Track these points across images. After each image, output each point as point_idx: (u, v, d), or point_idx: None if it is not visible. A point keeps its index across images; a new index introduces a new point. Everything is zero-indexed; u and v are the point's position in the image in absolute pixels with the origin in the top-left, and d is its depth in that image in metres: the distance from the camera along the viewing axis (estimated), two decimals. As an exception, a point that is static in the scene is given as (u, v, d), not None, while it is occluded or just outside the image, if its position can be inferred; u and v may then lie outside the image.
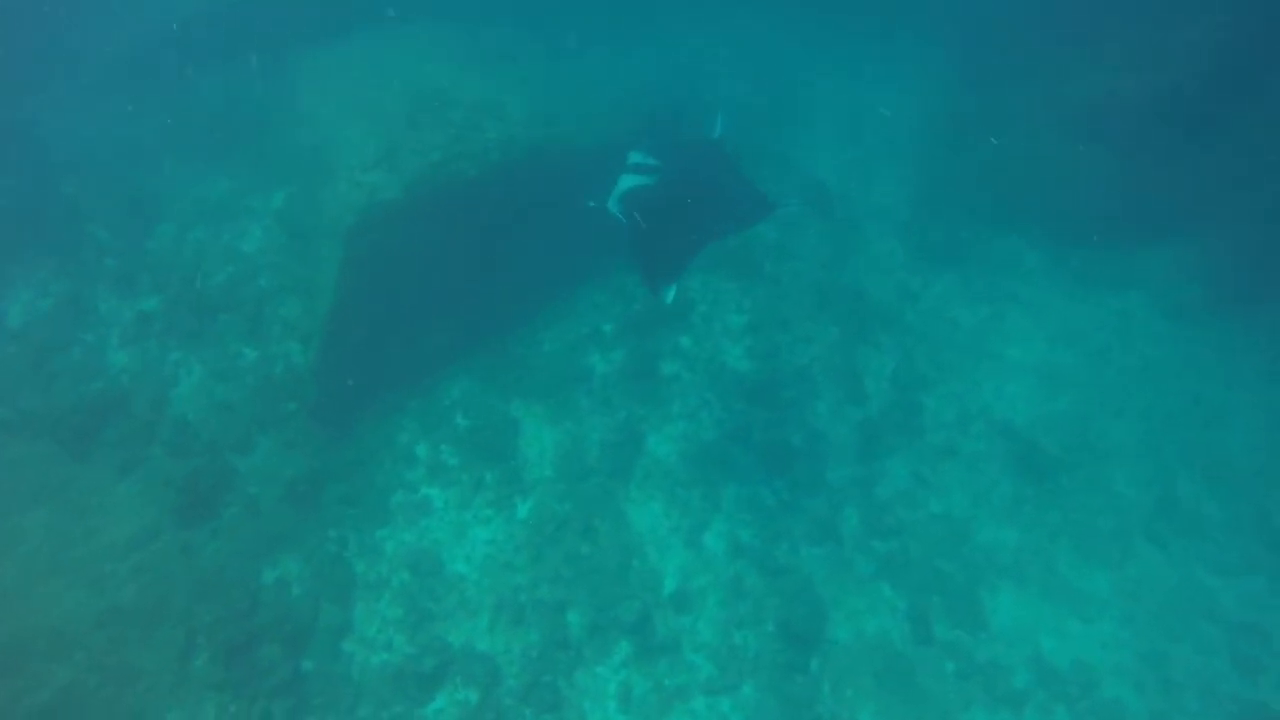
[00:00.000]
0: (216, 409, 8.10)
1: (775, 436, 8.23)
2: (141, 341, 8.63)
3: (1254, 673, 6.83)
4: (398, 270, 7.98)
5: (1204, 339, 9.01)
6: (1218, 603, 7.22)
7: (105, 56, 10.62)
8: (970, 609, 7.19)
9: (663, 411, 8.39)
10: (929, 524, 7.72)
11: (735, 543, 7.54)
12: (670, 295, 5.09)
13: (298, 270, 8.79)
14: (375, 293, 7.94)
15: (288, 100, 9.27)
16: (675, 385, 8.61)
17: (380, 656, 6.84)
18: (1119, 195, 9.33)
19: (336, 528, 7.52)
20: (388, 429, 8.17)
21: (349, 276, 7.79)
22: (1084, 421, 8.38)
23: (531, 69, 9.07)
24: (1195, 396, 8.55)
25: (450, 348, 8.57)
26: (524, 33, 9.72)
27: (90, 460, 7.70)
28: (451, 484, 7.86)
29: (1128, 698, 6.72)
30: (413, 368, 8.45)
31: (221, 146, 10.09)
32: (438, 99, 8.32)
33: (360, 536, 7.50)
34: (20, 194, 9.71)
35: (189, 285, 8.97)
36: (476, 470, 7.92)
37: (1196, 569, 7.42)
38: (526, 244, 8.56)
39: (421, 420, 8.23)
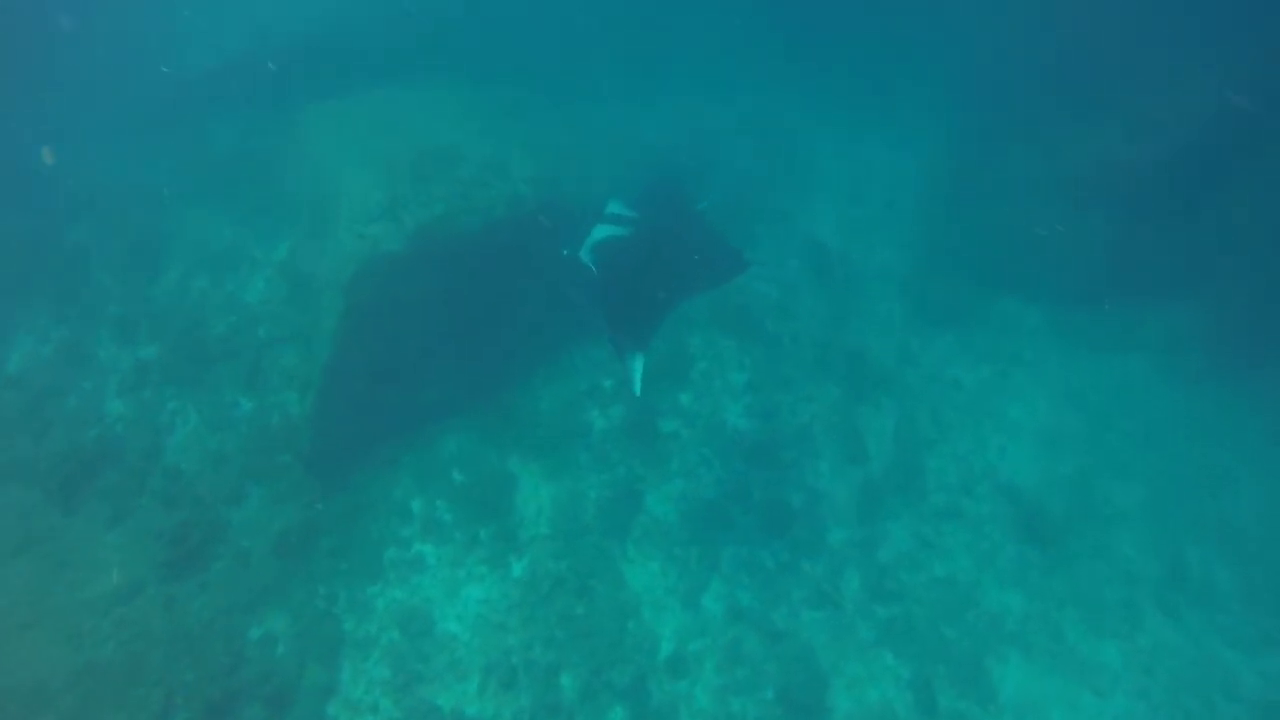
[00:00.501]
0: (210, 459, 8.01)
1: (775, 496, 8.10)
2: (139, 390, 8.58)
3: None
4: (397, 323, 7.98)
5: (1205, 403, 8.95)
6: (1238, 679, 6.95)
7: (118, 100, 10.83)
8: (977, 678, 6.96)
9: (662, 470, 8.28)
10: (932, 588, 7.53)
11: (734, 605, 7.35)
12: (638, 380, 5.02)
13: (298, 321, 8.78)
14: (374, 345, 7.93)
15: (296, 150, 9.43)
16: (674, 443, 8.51)
17: (365, 720, 6.60)
18: (1119, 259, 9.41)
19: (326, 583, 7.34)
20: (383, 482, 8.05)
21: (348, 329, 7.79)
22: (1089, 485, 8.26)
23: (539, 129, 9.24)
24: (1201, 461, 8.45)
25: (448, 401, 8.51)
26: (533, 93, 9.95)
27: (79, 510, 7.57)
28: (445, 540, 7.70)
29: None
30: (410, 421, 8.37)
31: (229, 193, 10.22)
32: (445, 154, 8.45)
33: (350, 593, 7.32)
34: (28, 237, 9.80)
35: (189, 334, 8.96)
36: (471, 527, 7.77)
37: (1213, 642, 7.19)
38: (527, 299, 8.59)
39: (417, 475, 8.12)
